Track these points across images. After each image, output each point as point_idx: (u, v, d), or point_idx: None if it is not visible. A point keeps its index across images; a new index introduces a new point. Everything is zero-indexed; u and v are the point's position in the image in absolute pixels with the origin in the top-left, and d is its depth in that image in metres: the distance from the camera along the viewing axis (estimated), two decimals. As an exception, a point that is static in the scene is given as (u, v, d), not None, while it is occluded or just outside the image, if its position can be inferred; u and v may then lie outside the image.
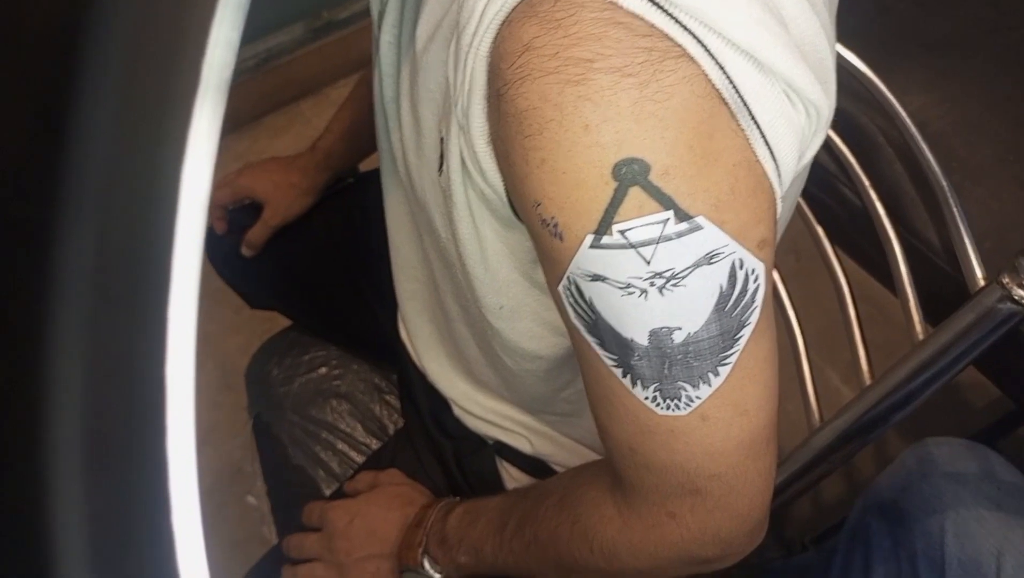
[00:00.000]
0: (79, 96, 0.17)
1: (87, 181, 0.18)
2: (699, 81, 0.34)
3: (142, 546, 0.20)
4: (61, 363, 0.18)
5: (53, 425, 0.18)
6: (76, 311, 0.18)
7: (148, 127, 0.18)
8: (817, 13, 0.39)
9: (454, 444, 0.72)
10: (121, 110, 0.18)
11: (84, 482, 0.19)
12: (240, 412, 1.31)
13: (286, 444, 0.85)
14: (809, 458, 0.66)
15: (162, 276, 0.19)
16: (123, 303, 0.19)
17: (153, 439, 0.19)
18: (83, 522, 0.19)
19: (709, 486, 0.43)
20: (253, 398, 0.92)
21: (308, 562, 0.69)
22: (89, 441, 0.19)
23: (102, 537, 0.19)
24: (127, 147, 0.18)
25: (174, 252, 0.19)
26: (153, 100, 0.18)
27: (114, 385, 0.19)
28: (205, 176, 0.19)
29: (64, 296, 0.18)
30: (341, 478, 0.82)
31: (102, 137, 0.18)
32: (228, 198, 0.90)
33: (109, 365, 0.19)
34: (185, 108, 0.18)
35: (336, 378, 0.89)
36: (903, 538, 0.63)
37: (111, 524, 0.20)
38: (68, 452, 0.19)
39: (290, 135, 1.66)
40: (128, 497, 0.20)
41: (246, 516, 1.24)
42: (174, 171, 0.18)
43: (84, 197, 0.18)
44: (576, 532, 0.51)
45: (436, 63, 0.44)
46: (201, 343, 0.61)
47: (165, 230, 0.19)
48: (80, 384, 0.18)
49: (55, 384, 0.18)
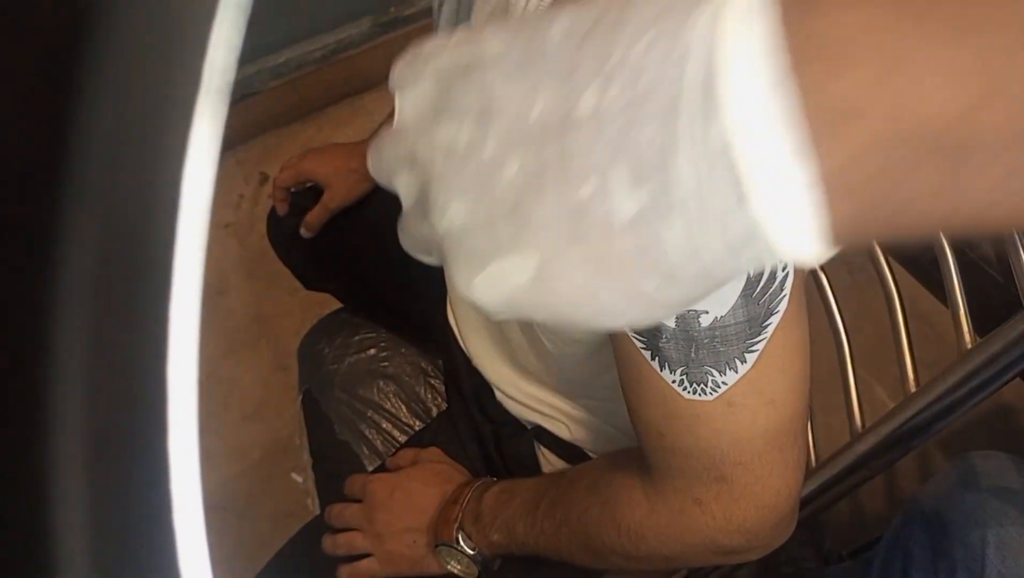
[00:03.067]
0: (80, 97, 0.17)
1: (88, 182, 0.18)
2: None
3: (144, 546, 0.20)
4: (62, 363, 0.18)
5: (54, 425, 0.18)
6: (77, 312, 0.18)
7: (149, 128, 0.18)
8: None
9: (494, 427, 0.73)
10: (122, 111, 0.18)
11: (86, 482, 0.19)
12: (289, 392, 1.34)
13: (333, 420, 0.87)
14: (850, 462, 0.66)
15: (164, 276, 0.19)
16: (124, 304, 0.19)
17: (155, 439, 0.19)
18: (85, 522, 0.19)
19: (734, 474, 0.43)
20: (304, 374, 0.95)
21: (348, 531, 0.71)
22: (91, 441, 0.19)
23: (103, 537, 0.19)
24: (128, 148, 0.18)
25: (175, 252, 0.19)
26: (154, 101, 0.18)
27: (115, 385, 0.19)
28: (206, 177, 0.19)
29: (65, 297, 0.18)
30: (384, 456, 0.84)
31: (103, 137, 0.18)
32: (291, 180, 0.93)
33: (110, 365, 0.19)
34: (186, 110, 0.18)
35: (384, 360, 0.91)
36: (944, 549, 0.62)
37: (113, 524, 0.19)
38: (69, 452, 0.18)
39: (353, 127, 1.70)
40: (130, 496, 0.20)
41: (291, 491, 1.27)
42: (175, 172, 0.18)
43: (85, 198, 0.18)
44: (605, 515, 0.52)
45: None
46: (256, 323, 0.63)
47: (166, 230, 0.19)
48: (81, 384, 0.18)
49: (56, 384, 0.18)
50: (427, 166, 0.26)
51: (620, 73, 0.21)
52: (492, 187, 0.24)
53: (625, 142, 0.21)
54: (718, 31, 0.20)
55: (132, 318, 0.19)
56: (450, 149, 0.25)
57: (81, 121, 0.18)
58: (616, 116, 0.21)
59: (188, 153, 0.19)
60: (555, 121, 0.23)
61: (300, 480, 1.28)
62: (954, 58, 0.19)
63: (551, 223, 0.23)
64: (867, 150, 0.19)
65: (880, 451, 0.65)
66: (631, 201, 0.22)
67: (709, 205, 0.21)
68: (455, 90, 0.25)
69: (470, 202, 0.24)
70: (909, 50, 0.19)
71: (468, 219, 0.25)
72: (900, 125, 0.19)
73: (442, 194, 0.25)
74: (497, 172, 0.24)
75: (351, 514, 0.71)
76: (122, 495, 0.20)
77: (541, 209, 0.23)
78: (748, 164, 0.20)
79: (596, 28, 0.23)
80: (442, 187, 0.25)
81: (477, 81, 0.24)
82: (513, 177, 0.23)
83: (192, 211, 0.19)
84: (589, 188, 0.22)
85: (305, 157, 0.93)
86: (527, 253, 0.24)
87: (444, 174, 0.25)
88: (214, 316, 1.41)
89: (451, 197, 0.25)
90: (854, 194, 0.20)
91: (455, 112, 0.25)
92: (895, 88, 0.19)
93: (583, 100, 0.22)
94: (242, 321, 1.44)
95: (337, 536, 0.71)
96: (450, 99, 0.25)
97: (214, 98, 0.19)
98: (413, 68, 0.27)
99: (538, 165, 0.23)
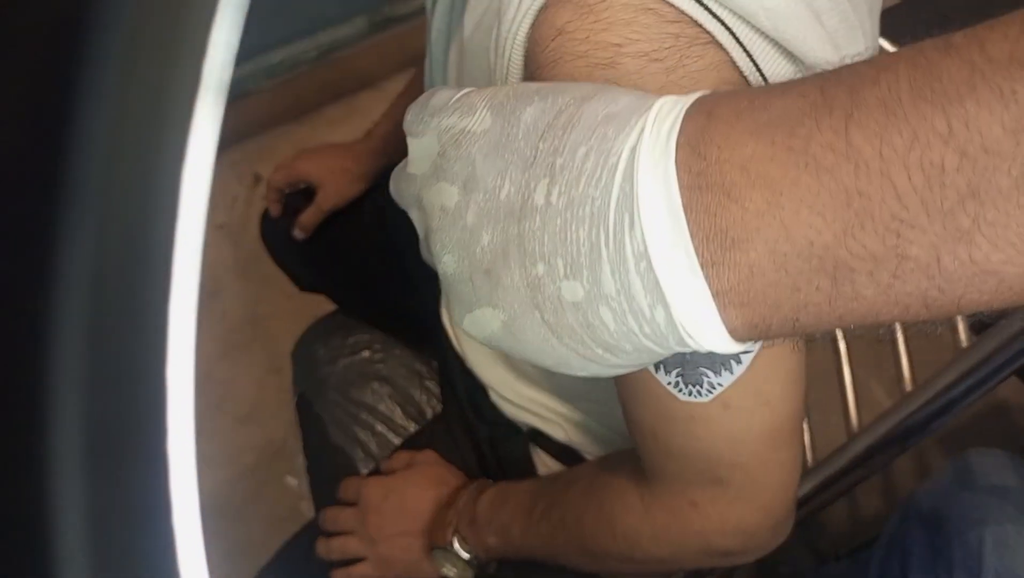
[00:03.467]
0: (79, 96, 0.17)
1: (87, 181, 0.18)
2: (726, 68, 0.34)
3: (143, 547, 0.20)
4: (61, 363, 0.18)
5: (53, 425, 0.18)
6: (76, 311, 0.18)
7: (148, 127, 0.18)
8: (854, 7, 0.39)
9: (489, 429, 0.73)
10: (121, 110, 0.18)
11: (84, 482, 0.19)
12: (283, 394, 1.34)
13: (327, 423, 0.87)
14: (847, 461, 0.65)
15: (162, 276, 0.19)
16: (123, 303, 0.19)
17: (154, 439, 0.19)
18: (83, 522, 0.19)
19: (731, 476, 0.43)
20: (298, 377, 0.94)
21: (342, 535, 0.70)
22: (89, 441, 0.19)
23: (103, 538, 0.19)
24: (127, 147, 0.18)
25: (174, 252, 0.19)
26: (153, 100, 0.18)
27: (114, 385, 0.19)
28: (205, 177, 0.19)
29: (64, 296, 0.18)
30: (378, 458, 0.83)
31: (102, 137, 0.18)
32: (284, 181, 0.93)
33: (110, 365, 0.19)
34: (185, 109, 0.18)
35: (378, 361, 0.91)
36: (941, 547, 0.62)
37: (112, 525, 0.19)
38: (68, 452, 0.18)
39: (348, 127, 1.69)
40: (129, 497, 0.20)
41: (285, 495, 1.27)
42: (174, 172, 0.19)
43: (84, 198, 0.18)
44: (601, 518, 0.51)
45: (480, 49, 0.46)
46: (249, 325, 0.63)
47: (166, 230, 0.19)
48: (80, 384, 0.18)
49: (55, 384, 0.18)
50: (429, 214, 0.29)
51: (565, 174, 0.25)
52: (471, 250, 0.28)
53: (565, 238, 0.25)
54: (638, 158, 0.24)
55: (130, 320, 0.19)
56: (443, 208, 0.28)
57: (79, 121, 0.17)
58: (559, 212, 0.25)
59: (186, 154, 0.19)
60: (517, 205, 0.26)
61: (294, 483, 1.27)
62: (825, 190, 0.22)
63: (516, 289, 0.27)
64: (753, 273, 0.23)
65: (877, 450, 0.64)
66: (572, 287, 0.25)
67: (634, 302, 0.24)
68: (449, 155, 0.29)
69: (456, 258, 0.28)
70: (788, 183, 0.22)
71: (456, 270, 0.28)
72: (782, 249, 0.23)
73: (436, 245, 0.29)
74: (475, 238, 0.27)
75: (345, 518, 0.71)
76: (120, 498, 0.20)
77: (508, 276, 0.27)
78: (662, 272, 0.24)
79: (555, 122, 0.26)
80: (436, 240, 0.29)
81: (464, 152, 0.28)
82: (486, 245, 0.27)
83: (189, 212, 0.19)
84: (541, 269, 0.26)
85: (299, 158, 0.93)
86: (498, 309, 0.27)
87: (439, 229, 0.29)
88: (207, 318, 1.40)
89: (443, 250, 0.29)
90: (750, 304, 0.24)
91: (447, 175, 0.28)
92: (776, 219, 0.22)
93: (537, 192, 0.26)
94: (236, 323, 1.43)
95: (331, 540, 0.71)
96: (445, 161, 0.29)
97: (212, 99, 0.19)
98: (421, 119, 0.30)
99: (504, 240, 0.27)
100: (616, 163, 0.24)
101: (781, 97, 0.24)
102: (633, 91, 0.27)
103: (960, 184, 0.20)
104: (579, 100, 0.26)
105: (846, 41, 0.39)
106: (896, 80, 0.21)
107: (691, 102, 0.25)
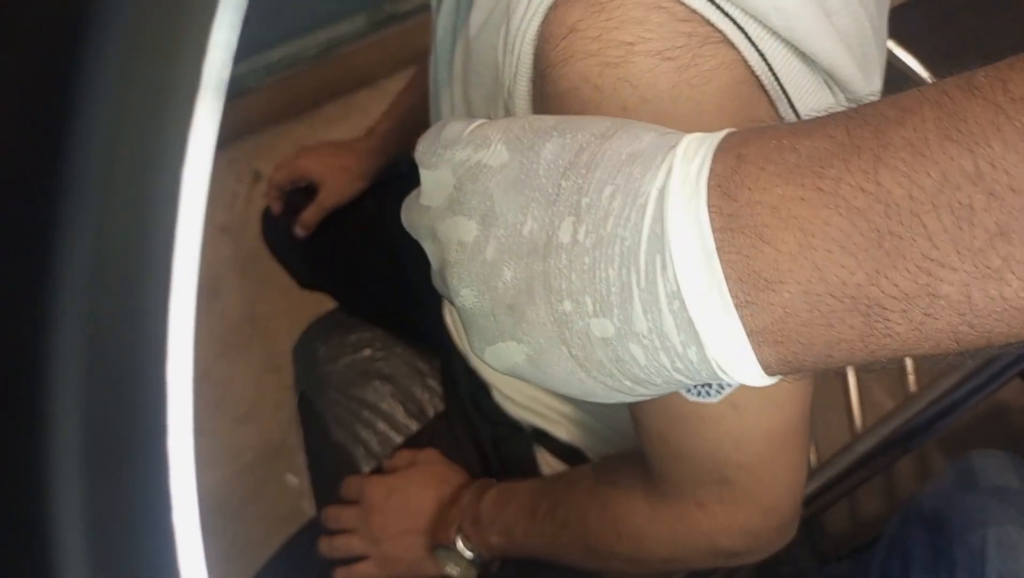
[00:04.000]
0: (79, 96, 0.17)
1: (87, 181, 0.18)
2: (738, 67, 0.34)
3: (143, 547, 0.20)
4: (61, 363, 0.18)
5: (53, 425, 0.18)
6: (75, 311, 0.18)
7: (148, 127, 0.18)
8: (864, 5, 0.39)
9: (492, 428, 0.73)
10: (121, 110, 0.18)
11: (84, 482, 0.19)
12: (282, 393, 1.34)
13: (328, 421, 0.87)
14: (850, 462, 0.66)
15: (162, 276, 0.19)
16: (123, 303, 0.19)
17: (153, 439, 0.19)
18: (83, 522, 0.19)
19: (738, 476, 0.43)
20: (299, 375, 0.94)
21: (344, 534, 0.70)
22: (89, 441, 0.19)
23: (102, 538, 0.19)
24: (127, 147, 0.18)
25: (174, 252, 0.19)
26: (153, 100, 0.18)
27: (114, 385, 0.19)
28: (204, 177, 0.19)
29: (64, 296, 0.18)
30: (380, 457, 0.83)
31: (102, 137, 0.18)
32: (285, 179, 0.93)
33: (109, 365, 0.19)
34: (185, 109, 0.18)
35: (380, 360, 0.91)
36: (944, 549, 0.62)
37: (111, 524, 0.19)
38: (68, 452, 0.19)
39: (347, 125, 1.69)
40: (128, 497, 0.20)
41: (284, 493, 1.26)
42: (174, 172, 0.19)
43: (84, 198, 0.18)
44: (605, 517, 0.51)
45: (487, 47, 0.45)
46: (248, 324, 0.63)
47: (165, 230, 0.19)
48: (80, 384, 0.18)
49: (55, 384, 0.18)
50: (445, 247, 0.29)
51: (592, 213, 0.25)
52: (493, 285, 0.27)
53: (594, 277, 0.25)
54: (667, 200, 0.24)
55: (131, 317, 0.19)
56: (460, 242, 0.28)
57: (79, 121, 0.17)
58: (587, 251, 0.25)
59: (186, 153, 0.19)
60: (541, 242, 0.26)
61: (295, 482, 1.27)
62: (857, 231, 0.22)
63: (541, 324, 0.27)
64: (787, 313, 0.23)
65: (880, 451, 0.65)
66: (602, 324, 0.25)
67: (666, 340, 0.25)
68: (465, 189, 0.28)
69: (476, 293, 0.28)
70: (819, 224, 0.22)
71: (475, 304, 0.28)
72: (815, 290, 0.23)
73: (454, 279, 0.28)
74: (496, 273, 0.27)
75: (348, 517, 0.71)
76: (120, 498, 0.20)
77: (532, 312, 0.27)
78: (696, 312, 0.24)
79: (578, 160, 0.26)
80: (453, 274, 0.28)
81: (482, 186, 0.28)
82: (508, 281, 0.27)
83: (189, 212, 0.19)
84: (568, 306, 0.26)
85: (300, 155, 0.93)
86: (522, 343, 0.27)
87: (456, 263, 0.28)
88: (206, 317, 1.40)
89: (462, 284, 0.28)
90: (784, 342, 0.24)
91: (464, 209, 0.28)
92: (808, 260, 0.23)
93: (561, 230, 0.26)
94: (234, 322, 1.43)
95: (334, 538, 0.71)
96: (462, 195, 0.28)
97: (211, 98, 0.19)
98: (433, 151, 0.30)
99: (528, 276, 0.26)
100: (644, 204, 0.24)
101: (809, 137, 0.24)
102: (654, 127, 0.27)
103: (989, 224, 0.21)
104: (599, 137, 0.26)
105: (856, 41, 0.39)
106: (922, 121, 0.22)
107: (718, 141, 0.25)
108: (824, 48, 0.35)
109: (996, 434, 1.17)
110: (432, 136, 0.30)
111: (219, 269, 1.48)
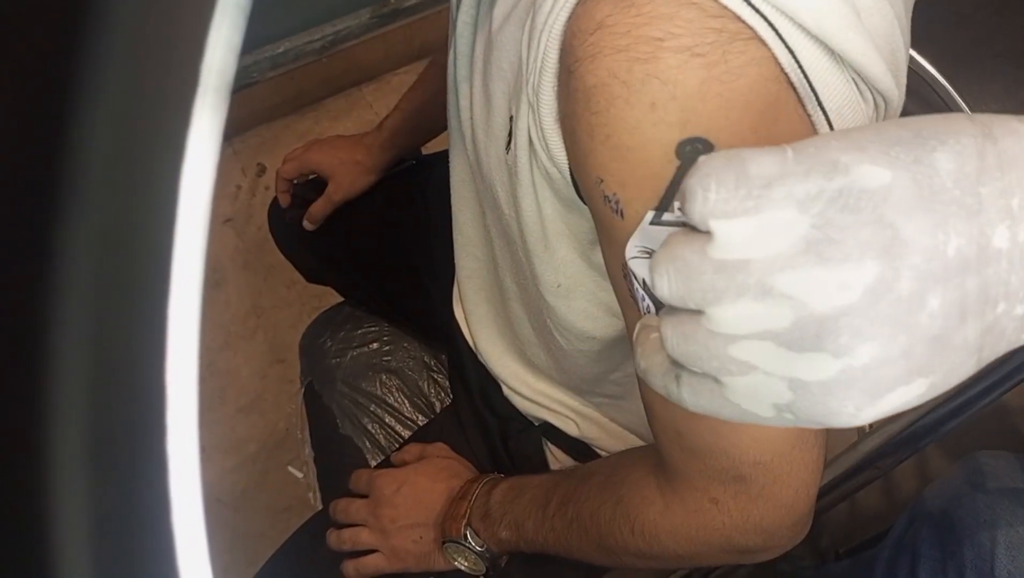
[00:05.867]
0: (79, 96, 0.17)
1: (88, 182, 0.18)
2: (767, 64, 0.34)
3: (144, 547, 0.20)
4: (62, 364, 0.18)
5: (55, 425, 0.18)
6: (77, 312, 0.18)
7: (148, 128, 0.18)
8: (892, 4, 0.39)
9: (501, 423, 0.73)
10: (121, 111, 0.18)
11: (86, 483, 0.19)
12: (286, 385, 1.34)
13: (335, 414, 0.87)
14: (856, 462, 0.66)
15: (163, 277, 0.19)
16: (124, 304, 0.19)
17: (155, 440, 0.19)
18: (85, 523, 0.19)
19: (754, 473, 0.43)
20: (305, 367, 0.94)
21: (353, 526, 0.70)
22: (91, 442, 0.19)
23: (104, 538, 0.19)
24: (127, 148, 0.18)
25: (175, 252, 0.19)
26: (153, 101, 0.18)
27: (115, 386, 0.19)
28: (205, 177, 0.19)
29: (65, 297, 0.18)
30: (387, 451, 0.83)
31: (102, 137, 0.18)
32: (294, 172, 0.93)
33: (110, 366, 0.19)
34: (185, 109, 0.18)
35: (387, 354, 0.91)
36: (952, 549, 0.62)
37: (113, 525, 0.19)
38: (69, 453, 0.19)
39: (351, 119, 1.69)
40: (130, 498, 0.20)
41: (287, 484, 1.27)
42: (174, 172, 0.18)
43: (85, 198, 0.18)
44: (618, 513, 0.51)
45: (510, 42, 0.45)
46: (253, 316, 0.63)
47: (166, 231, 0.19)
48: (81, 385, 0.18)
49: (56, 385, 0.18)
50: (803, 301, 0.25)
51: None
52: (914, 321, 0.25)
53: None
54: None
55: (132, 318, 0.19)
56: (844, 286, 0.24)
57: (80, 118, 0.17)
58: None
59: (188, 149, 0.19)
60: (972, 256, 0.25)
61: (300, 474, 1.27)
62: None
63: (964, 344, 0.26)
64: None
65: (887, 451, 0.65)
66: None
67: None
68: (839, 224, 0.25)
69: (885, 338, 0.25)
70: None
71: (877, 354, 0.25)
72: None
73: (845, 335, 0.25)
74: (918, 307, 0.25)
75: (356, 510, 0.71)
76: (122, 490, 0.20)
77: (961, 333, 0.25)
78: None
79: (984, 165, 0.25)
80: (847, 328, 0.25)
81: (870, 215, 0.25)
82: (936, 310, 0.25)
83: (192, 207, 0.19)
84: (1000, 309, 0.26)
85: (309, 148, 0.93)
86: (933, 374, 0.26)
87: (849, 311, 0.25)
88: (211, 308, 1.40)
89: (859, 339, 0.25)
90: None
91: (848, 247, 0.24)
92: None
93: (995, 237, 0.25)
94: (239, 313, 1.43)
95: (343, 531, 0.71)
96: (834, 231, 0.25)
97: (214, 95, 0.19)
98: (747, 194, 0.25)
99: (960, 295, 0.25)
100: None
101: None
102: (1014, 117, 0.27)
103: None
104: (982, 136, 0.26)
105: (885, 40, 0.39)
106: None
107: None
108: (854, 46, 0.35)
109: (995, 435, 1.17)
110: (730, 179, 0.25)
111: (223, 261, 1.48)
